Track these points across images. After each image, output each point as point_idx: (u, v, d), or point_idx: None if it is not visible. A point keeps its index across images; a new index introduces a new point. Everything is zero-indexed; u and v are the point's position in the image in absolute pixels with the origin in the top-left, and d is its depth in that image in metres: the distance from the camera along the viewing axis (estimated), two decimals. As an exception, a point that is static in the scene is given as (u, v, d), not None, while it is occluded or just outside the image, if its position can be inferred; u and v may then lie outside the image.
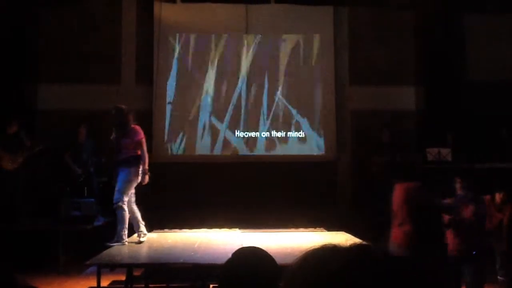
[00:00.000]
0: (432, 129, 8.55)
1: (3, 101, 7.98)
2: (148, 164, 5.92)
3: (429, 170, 7.60)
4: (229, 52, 9.18)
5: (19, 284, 1.76)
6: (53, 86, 8.87)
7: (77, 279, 5.99)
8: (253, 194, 8.42)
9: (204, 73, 9.13)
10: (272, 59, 9.20)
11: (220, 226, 6.84)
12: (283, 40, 9.26)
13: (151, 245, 5.67)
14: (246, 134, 9.02)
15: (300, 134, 9.08)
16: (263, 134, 9.04)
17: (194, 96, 9.08)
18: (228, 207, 7.79)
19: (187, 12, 9.20)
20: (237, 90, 9.11)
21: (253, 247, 1.88)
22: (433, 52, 8.97)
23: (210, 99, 9.09)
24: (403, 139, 8.62)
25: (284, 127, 9.07)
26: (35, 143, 7.54)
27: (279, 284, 1.77)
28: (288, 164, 8.87)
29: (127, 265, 5.02)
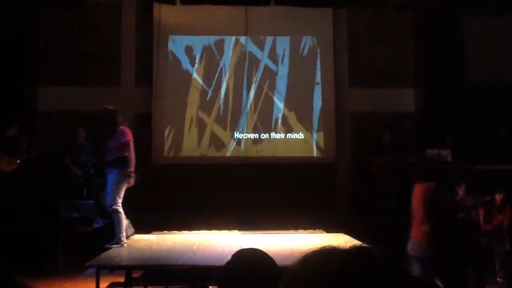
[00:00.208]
0: (432, 130, 8.54)
1: (3, 103, 7.97)
2: (135, 166, 5.94)
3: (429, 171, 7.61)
4: (229, 54, 9.18)
5: (19, 285, 1.76)
6: (53, 88, 8.87)
7: (76, 281, 5.98)
8: (253, 196, 8.41)
9: (204, 75, 9.13)
10: (272, 61, 9.20)
11: (220, 228, 6.82)
12: (283, 42, 9.26)
13: (150, 247, 5.66)
14: (246, 136, 9.02)
15: (300, 136, 9.07)
16: (263, 136, 9.04)
17: (194, 98, 9.07)
18: (228, 209, 7.79)
19: (187, 14, 9.20)
20: (238, 92, 9.10)
21: (253, 249, 1.87)
22: (433, 53, 8.97)
23: (210, 101, 9.09)
24: (403, 140, 8.62)
25: (284, 129, 9.07)
26: (33, 145, 7.54)
27: (279, 286, 1.77)
28: (288, 166, 8.86)
29: (126, 267, 5.02)
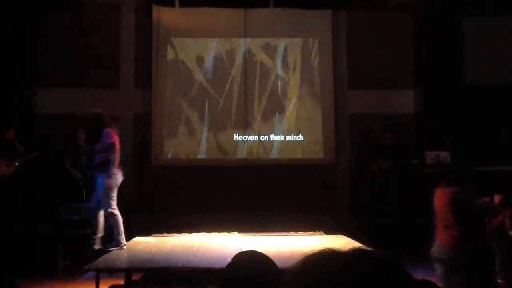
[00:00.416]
0: (431, 132, 8.55)
1: (1, 105, 7.97)
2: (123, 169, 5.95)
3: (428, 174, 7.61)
4: (228, 56, 9.19)
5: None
6: (52, 91, 8.87)
7: (76, 284, 5.97)
8: (252, 198, 8.41)
9: (203, 77, 9.13)
10: (271, 63, 9.21)
11: (219, 230, 6.82)
12: (282, 44, 9.27)
13: (150, 250, 5.66)
14: (245, 138, 9.02)
15: (300, 137, 9.07)
16: (262, 138, 9.04)
17: (194, 99, 9.07)
18: (228, 211, 7.79)
19: (186, 16, 9.21)
20: (236, 94, 9.11)
21: (253, 251, 1.87)
22: (432, 55, 8.98)
23: (209, 103, 9.09)
24: (402, 142, 8.63)
25: (283, 131, 9.08)
26: (32, 148, 7.53)
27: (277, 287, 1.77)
28: (287, 168, 8.86)
29: (126, 270, 5.02)
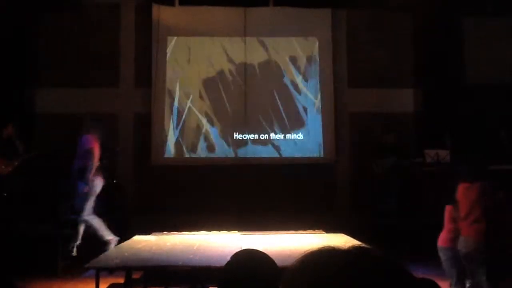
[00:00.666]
0: (430, 132, 8.56)
1: (1, 104, 7.97)
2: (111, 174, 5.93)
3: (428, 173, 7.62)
4: (228, 55, 9.19)
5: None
6: (52, 90, 8.87)
7: (76, 282, 5.97)
8: (252, 197, 8.43)
9: (203, 76, 9.13)
10: (271, 62, 9.21)
11: (219, 229, 6.83)
12: (282, 43, 9.27)
13: (150, 248, 5.66)
14: (245, 137, 9.03)
15: (299, 136, 9.08)
16: (262, 136, 9.04)
17: (193, 99, 9.08)
18: (227, 210, 7.81)
19: (186, 15, 9.22)
20: (235, 92, 9.11)
21: (252, 249, 1.88)
22: (432, 54, 8.99)
23: (209, 102, 9.09)
24: (402, 142, 8.64)
25: (283, 129, 9.08)
26: (31, 147, 7.53)
27: (279, 286, 1.77)
28: (287, 166, 8.87)
29: (126, 268, 5.02)
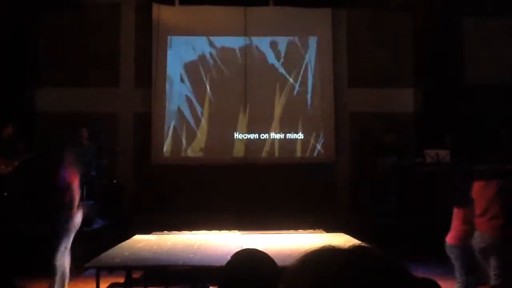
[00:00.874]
0: (430, 131, 8.57)
1: (1, 104, 7.98)
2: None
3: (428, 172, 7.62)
4: (228, 54, 9.19)
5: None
6: (53, 90, 8.87)
7: (76, 282, 5.97)
8: (252, 197, 8.44)
9: (203, 76, 9.14)
10: (271, 61, 9.21)
11: (220, 228, 6.83)
12: (282, 42, 9.27)
13: (151, 248, 5.66)
14: (246, 136, 9.03)
15: (300, 136, 9.09)
16: (263, 136, 9.05)
17: (194, 98, 9.08)
18: (228, 209, 7.81)
19: (186, 15, 9.22)
20: (236, 92, 9.11)
21: (253, 249, 1.88)
22: (432, 54, 9.00)
23: (209, 101, 9.10)
24: (402, 141, 8.65)
25: (284, 129, 9.08)
26: (31, 147, 7.54)
27: (279, 286, 1.78)
28: (287, 166, 8.88)
29: (126, 268, 5.03)
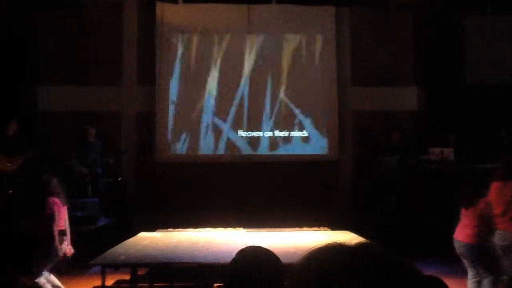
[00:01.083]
0: (434, 130, 8.57)
1: (4, 103, 8.01)
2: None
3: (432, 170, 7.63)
4: (232, 52, 9.21)
5: (23, 285, 1.81)
6: (55, 88, 8.89)
7: (81, 279, 6.01)
8: (256, 194, 8.47)
9: (207, 73, 9.16)
10: (275, 59, 9.23)
11: (224, 226, 6.86)
12: (285, 40, 9.28)
13: (156, 245, 5.70)
14: (249, 134, 9.06)
15: (303, 134, 9.11)
16: (266, 134, 9.07)
17: (197, 96, 9.11)
18: (229, 207, 7.84)
19: (189, 12, 9.23)
20: (240, 90, 9.13)
21: (257, 247, 1.90)
22: (434, 52, 8.99)
23: (213, 99, 9.12)
24: (405, 140, 8.65)
25: (287, 127, 9.10)
26: (34, 145, 7.58)
27: (284, 283, 1.80)
28: (291, 164, 8.90)
29: (131, 265, 5.06)
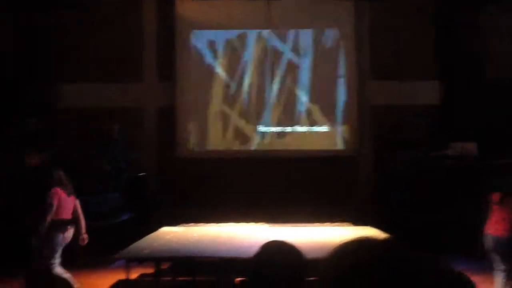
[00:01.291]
0: (455, 124, 8.45)
1: (26, 100, 8.17)
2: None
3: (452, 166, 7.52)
4: (251, 47, 9.22)
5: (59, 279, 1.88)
6: (76, 85, 8.97)
7: (106, 273, 6.14)
8: (275, 189, 8.48)
9: (226, 68, 9.19)
10: (295, 54, 9.21)
11: (245, 221, 6.90)
12: (304, 35, 9.24)
13: (178, 239, 5.78)
14: (270, 129, 9.07)
15: (324, 129, 9.08)
16: (287, 129, 9.07)
17: (216, 91, 9.15)
18: (251, 202, 7.87)
19: (208, 8, 9.24)
20: (261, 86, 9.14)
21: (281, 241, 1.93)
22: (456, 46, 8.86)
23: (234, 94, 9.15)
24: (426, 135, 8.56)
25: (307, 122, 9.09)
26: (56, 142, 7.74)
27: (306, 278, 1.83)
28: (310, 159, 8.87)
29: (155, 259, 5.16)
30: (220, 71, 9.19)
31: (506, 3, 8.83)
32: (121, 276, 5.45)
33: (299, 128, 9.08)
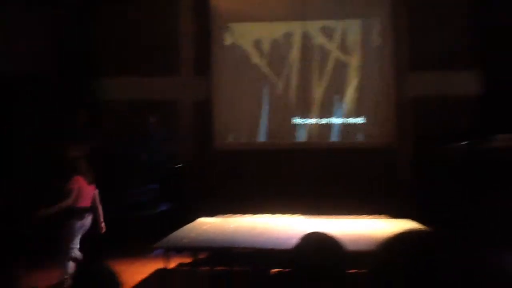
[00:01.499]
0: (498, 115, 8.17)
1: (71, 94, 8.39)
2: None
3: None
4: (286, 40, 9.18)
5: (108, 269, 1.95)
6: (116, 79, 9.16)
7: (145, 261, 6.28)
8: (312, 181, 8.44)
9: (262, 61, 9.18)
10: (330, 45, 9.11)
11: (282, 212, 6.91)
12: (341, 26, 9.13)
13: (215, 230, 5.86)
14: (307, 121, 9.03)
15: (360, 121, 8.97)
16: (322, 121, 9.01)
17: (252, 84, 9.16)
18: (288, 194, 7.86)
19: (244, 1, 9.27)
20: (295, 77, 9.11)
21: (321, 233, 1.93)
22: (497, 35, 8.54)
23: (268, 87, 9.15)
24: (469, 126, 8.31)
25: (343, 114, 8.99)
26: (100, 135, 7.93)
27: (346, 270, 1.82)
28: (347, 151, 8.78)
29: (192, 249, 5.24)
30: (257, 63, 9.19)
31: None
32: (160, 265, 5.57)
33: (337, 120, 8.99)
